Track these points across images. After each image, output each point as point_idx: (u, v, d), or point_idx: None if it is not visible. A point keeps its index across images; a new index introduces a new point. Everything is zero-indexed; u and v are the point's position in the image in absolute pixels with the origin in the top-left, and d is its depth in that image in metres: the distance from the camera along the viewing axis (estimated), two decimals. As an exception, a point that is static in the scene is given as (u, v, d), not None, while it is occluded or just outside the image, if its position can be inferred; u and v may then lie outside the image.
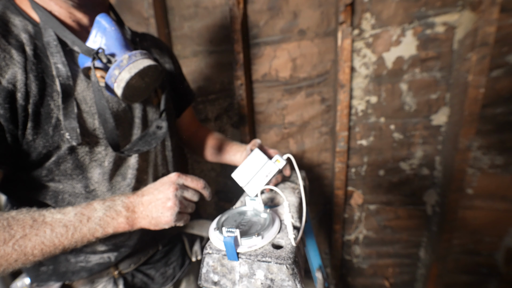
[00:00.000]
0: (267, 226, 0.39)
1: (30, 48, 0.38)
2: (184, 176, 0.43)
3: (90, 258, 0.49)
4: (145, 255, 0.58)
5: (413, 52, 0.86)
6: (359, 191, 1.07)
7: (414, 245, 1.08)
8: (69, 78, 0.40)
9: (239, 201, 0.55)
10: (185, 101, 0.71)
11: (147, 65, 0.42)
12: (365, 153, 1.02)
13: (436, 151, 0.95)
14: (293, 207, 0.48)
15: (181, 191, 0.42)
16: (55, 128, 0.40)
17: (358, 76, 0.94)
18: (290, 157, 0.55)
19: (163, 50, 0.63)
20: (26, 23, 0.39)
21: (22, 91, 0.36)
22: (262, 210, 0.44)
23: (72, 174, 0.44)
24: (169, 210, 0.40)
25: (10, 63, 0.35)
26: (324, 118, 1.05)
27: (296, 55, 0.99)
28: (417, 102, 0.92)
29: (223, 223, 0.41)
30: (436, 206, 0.98)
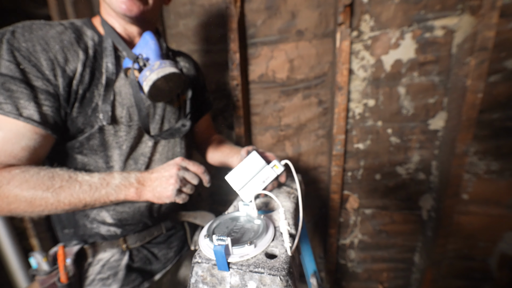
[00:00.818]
0: (260, 234, 0.37)
1: (92, 51, 0.52)
2: (187, 160, 0.52)
3: (100, 227, 0.59)
4: (150, 235, 0.66)
5: (412, 55, 0.86)
6: (355, 195, 1.06)
7: (409, 250, 1.07)
8: (113, 74, 0.53)
9: (232, 206, 0.53)
10: (203, 109, 0.80)
11: (172, 71, 0.52)
12: (362, 157, 1.01)
13: (432, 156, 0.94)
14: (288, 213, 0.46)
15: (182, 172, 0.50)
16: (93, 111, 0.51)
17: (356, 79, 0.93)
18: (288, 163, 0.54)
19: (191, 65, 0.76)
20: (94, 34, 0.54)
21: (77, 79, 0.49)
22: (255, 216, 0.42)
23: (97, 150, 0.54)
24: (170, 185, 0.48)
25: (76, 59, 0.49)
26: (321, 121, 1.04)
27: (293, 56, 0.98)
28: (415, 106, 0.91)
29: (214, 230, 0.39)
30: (432, 211, 0.97)
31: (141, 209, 0.61)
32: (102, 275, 0.59)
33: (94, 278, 0.59)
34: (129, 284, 0.61)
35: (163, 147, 0.63)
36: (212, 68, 1.07)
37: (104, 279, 0.59)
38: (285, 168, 0.54)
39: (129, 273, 0.61)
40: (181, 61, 0.73)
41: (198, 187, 0.54)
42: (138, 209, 0.61)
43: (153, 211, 0.64)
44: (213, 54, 1.06)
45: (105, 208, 0.58)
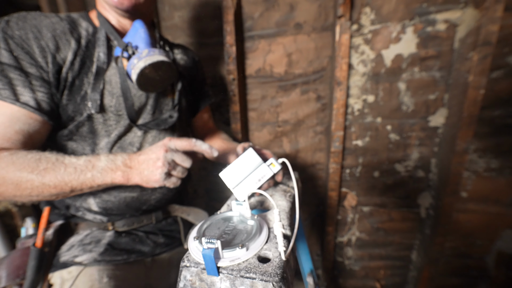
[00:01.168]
0: (253, 236, 0.35)
1: (85, 41, 0.53)
2: (176, 139, 0.49)
3: (86, 215, 0.59)
4: (139, 222, 0.65)
5: (413, 50, 0.83)
6: (353, 193, 1.05)
7: (407, 247, 1.07)
8: (104, 64, 0.53)
9: (226, 205, 0.51)
10: (201, 103, 0.79)
11: (160, 60, 0.51)
12: (360, 154, 0.99)
13: (432, 153, 0.92)
14: (283, 212, 0.44)
15: (171, 154, 0.47)
16: (82, 98, 0.52)
17: (356, 74, 0.91)
18: (286, 162, 0.52)
19: (189, 57, 0.74)
20: (89, 25, 0.55)
21: (67, 67, 0.50)
22: (249, 217, 0.40)
23: (86, 137, 0.54)
24: (158, 169, 0.46)
25: (67, 47, 0.50)
26: (319, 117, 1.02)
27: (291, 50, 0.95)
28: (415, 102, 0.89)
29: (205, 232, 0.37)
30: (430, 209, 0.96)
31: (127, 199, 0.59)
32: (84, 241, 0.58)
33: (73, 244, 0.57)
34: (113, 255, 0.58)
35: (153, 137, 0.62)
36: (208, 62, 1.04)
37: (85, 244, 0.57)
38: (282, 167, 0.52)
39: (113, 245, 0.59)
40: (178, 53, 0.72)
41: (193, 168, 0.51)
42: (124, 199, 0.59)
43: (141, 203, 0.62)
44: (209, 47, 1.03)
45: (92, 194, 0.57)
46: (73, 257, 0.55)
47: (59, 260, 0.55)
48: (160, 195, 0.64)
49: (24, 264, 0.51)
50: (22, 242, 0.54)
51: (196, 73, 0.76)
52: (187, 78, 0.72)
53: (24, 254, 0.52)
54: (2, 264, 0.51)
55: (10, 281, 0.49)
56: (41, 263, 0.51)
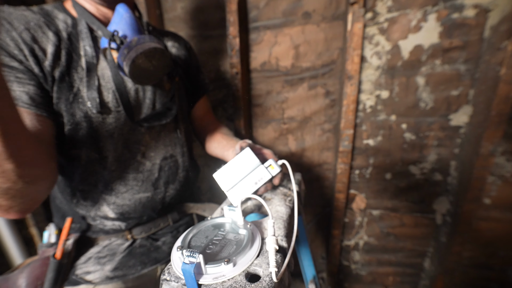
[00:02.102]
0: (243, 248, 0.31)
1: (65, 33, 0.48)
2: None
3: (104, 222, 0.57)
4: (156, 227, 0.63)
5: (435, 40, 0.75)
6: (362, 195, 0.99)
7: (419, 254, 1.00)
8: (93, 58, 0.49)
9: (220, 209, 0.47)
10: (198, 93, 0.74)
11: (152, 47, 0.47)
12: (371, 154, 0.93)
13: (452, 155, 0.84)
14: (280, 221, 0.40)
15: None
16: (75, 96, 0.48)
17: (369, 67, 0.83)
18: (286, 164, 0.47)
19: (181, 44, 0.69)
20: (67, 17, 0.50)
21: (50, 60, 0.45)
22: (241, 225, 0.36)
23: (87, 142, 0.51)
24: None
25: (45, 40, 0.46)
26: (327, 114, 0.95)
27: (299, 42, 0.89)
28: (435, 98, 0.81)
29: (191, 241, 0.34)
30: (448, 215, 0.88)
31: (142, 200, 0.58)
32: (100, 254, 0.57)
33: (91, 256, 0.57)
34: (127, 269, 0.58)
35: (158, 133, 0.58)
36: (212, 55, 1.00)
37: (100, 257, 0.57)
38: (281, 169, 0.47)
39: (128, 257, 0.58)
40: (169, 40, 0.67)
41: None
42: (139, 200, 0.58)
43: (157, 202, 0.60)
44: (212, 40, 0.99)
45: (105, 201, 0.55)
46: (85, 273, 0.55)
47: (74, 273, 0.55)
48: (174, 192, 0.63)
49: (43, 275, 0.52)
50: (43, 250, 0.55)
51: (190, 60, 0.71)
52: (181, 66, 0.67)
53: (43, 264, 0.53)
54: (23, 272, 0.52)
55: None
56: (58, 276, 0.52)
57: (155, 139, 0.58)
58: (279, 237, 0.35)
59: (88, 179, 0.53)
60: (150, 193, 0.59)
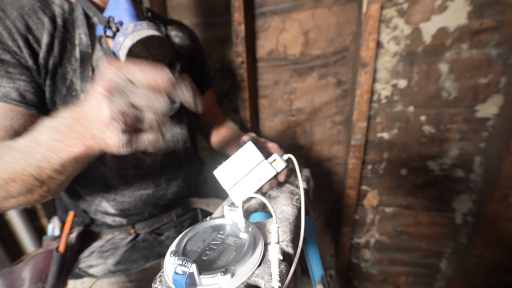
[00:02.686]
0: (243, 255, 0.27)
1: (61, 20, 0.45)
2: (127, 65, 0.25)
3: (105, 218, 0.56)
4: (159, 222, 0.62)
5: (463, 21, 0.67)
6: (374, 191, 0.93)
7: (435, 255, 0.94)
8: (88, 47, 0.46)
9: (221, 207, 0.44)
10: (203, 86, 0.70)
11: (150, 34, 0.43)
12: (386, 148, 0.87)
13: (477, 149, 0.77)
14: (286, 223, 0.36)
15: (122, 95, 0.25)
16: (68, 89, 0.45)
17: (385, 54, 0.76)
18: (292, 158, 0.43)
19: (185, 34, 0.65)
20: (64, 2, 0.47)
21: (44, 51, 0.43)
22: (242, 227, 0.33)
23: None
24: (108, 126, 0.25)
25: (41, 28, 0.43)
26: (339, 105, 0.89)
27: (309, 27, 0.82)
28: (459, 87, 0.73)
29: (186, 245, 0.31)
30: (469, 215, 0.82)
31: (142, 197, 0.56)
32: (103, 248, 0.57)
33: (94, 250, 0.57)
34: (129, 263, 0.57)
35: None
36: (216, 44, 0.95)
37: (103, 251, 0.57)
38: (287, 164, 0.43)
39: (131, 251, 0.58)
40: (172, 29, 0.63)
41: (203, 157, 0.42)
42: (140, 197, 0.56)
43: (158, 199, 0.59)
44: (217, 27, 0.94)
45: (105, 198, 0.54)
46: (88, 266, 0.55)
47: (78, 266, 0.55)
48: (176, 188, 0.61)
49: (47, 268, 0.52)
50: (47, 243, 0.55)
51: (195, 51, 0.67)
52: (185, 57, 0.64)
53: (47, 257, 0.53)
54: (27, 265, 0.52)
55: (32, 284, 0.51)
56: (62, 269, 0.52)
57: None
58: (284, 243, 0.32)
59: (87, 175, 0.51)
60: (151, 190, 0.57)
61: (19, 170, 0.33)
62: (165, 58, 0.49)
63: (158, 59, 0.48)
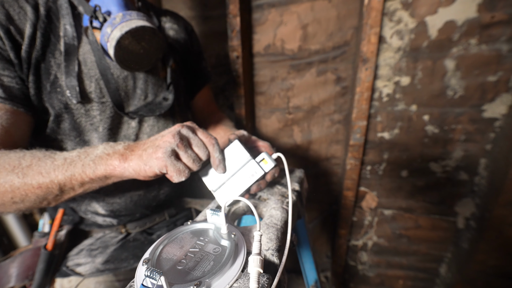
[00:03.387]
0: (221, 267, 0.25)
1: (44, 9, 0.42)
2: (197, 125, 0.38)
3: (95, 218, 0.55)
4: (151, 222, 0.60)
5: (472, 14, 0.62)
6: (373, 193, 0.90)
7: (434, 259, 0.91)
8: (74, 39, 0.43)
9: (206, 210, 0.41)
10: (200, 82, 0.68)
11: (140, 25, 0.40)
12: (386, 149, 0.83)
13: (482, 151, 0.73)
14: (273, 229, 0.33)
15: (187, 131, 0.36)
16: (52, 85, 0.43)
17: (388, 49, 0.72)
18: (281, 157, 0.40)
19: (180, 26, 0.62)
20: None
21: (26, 44, 0.40)
22: (224, 234, 0.30)
23: (70, 135, 0.46)
24: (165, 142, 0.33)
25: (23, 18, 0.40)
26: (338, 103, 0.86)
27: (307, 21, 0.78)
28: (466, 85, 0.69)
29: (162, 252, 0.28)
30: (472, 219, 0.79)
31: (133, 198, 0.54)
32: (92, 246, 0.55)
33: (83, 248, 0.55)
34: (118, 262, 0.55)
35: (151, 127, 0.53)
36: (212, 38, 0.92)
37: (92, 249, 0.55)
38: (276, 164, 0.40)
39: (121, 250, 0.56)
40: (167, 21, 0.60)
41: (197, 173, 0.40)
42: (130, 198, 0.54)
43: (150, 200, 0.56)
44: (212, 21, 0.90)
45: (94, 198, 0.52)
46: (76, 265, 0.53)
47: (65, 264, 0.53)
48: (169, 189, 0.58)
49: (34, 265, 0.51)
50: (36, 240, 0.54)
51: (191, 45, 0.64)
52: (180, 52, 0.60)
53: (35, 254, 0.52)
54: (15, 262, 0.51)
55: (19, 281, 0.50)
56: (49, 267, 0.51)
57: (148, 133, 0.53)
58: (269, 251, 0.29)
59: None
60: (142, 191, 0.54)
61: (51, 177, 0.35)
62: (157, 52, 0.46)
63: (150, 53, 0.45)
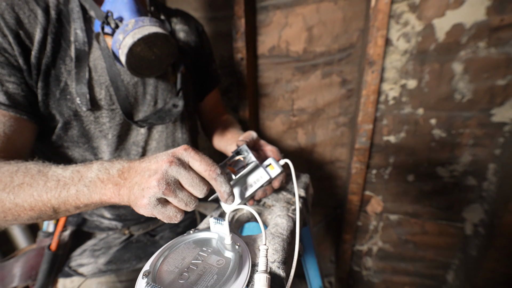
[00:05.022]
0: (225, 281, 0.24)
1: (55, 12, 0.41)
2: (194, 152, 0.31)
3: (101, 220, 0.55)
4: (154, 224, 0.61)
5: (481, 17, 0.61)
6: (378, 197, 0.89)
7: (441, 266, 0.89)
8: (85, 44, 0.42)
9: (209, 217, 0.40)
10: (209, 85, 0.67)
11: (153, 32, 0.39)
12: (392, 153, 0.82)
13: (491, 156, 0.72)
14: (279, 239, 0.32)
15: (177, 170, 0.29)
16: (62, 92, 0.42)
17: (394, 52, 0.71)
18: (289, 163, 0.40)
19: (191, 27, 0.61)
20: None
21: (36, 49, 0.39)
22: (228, 244, 0.29)
23: (79, 142, 0.46)
24: (148, 188, 0.28)
25: (33, 21, 0.39)
26: (343, 106, 0.85)
27: (313, 23, 0.78)
28: (474, 89, 0.68)
29: (162, 264, 0.27)
30: (481, 226, 0.77)
31: None
32: (95, 247, 0.56)
33: (86, 248, 0.55)
34: (121, 262, 0.55)
35: (160, 133, 0.53)
36: (217, 39, 0.91)
37: (95, 250, 0.55)
38: (282, 170, 0.39)
39: (123, 251, 0.56)
40: (178, 22, 0.59)
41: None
42: None
43: None
44: (217, 22, 0.90)
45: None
46: (79, 265, 0.53)
47: (68, 265, 0.53)
48: None
49: (38, 265, 0.51)
50: (40, 240, 0.54)
51: (201, 47, 0.63)
52: (191, 54, 0.60)
53: (39, 254, 0.52)
54: (18, 261, 0.52)
55: (22, 281, 0.50)
56: (52, 267, 0.51)
57: (157, 140, 0.53)
58: (275, 264, 0.28)
59: None
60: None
61: (44, 201, 0.33)
62: (169, 58, 0.46)
63: (162, 59, 0.45)
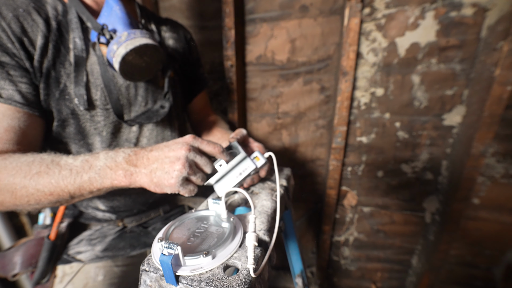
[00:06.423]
0: (224, 241, 0.31)
1: (55, 22, 0.46)
2: (200, 139, 0.40)
3: (95, 212, 0.58)
4: (147, 217, 0.65)
5: (432, 38, 0.74)
6: (353, 192, 0.99)
7: (407, 252, 1.01)
8: (83, 51, 0.47)
9: (206, 201, 0.47)
10: (197, 88, 0.73)
11: (143, 43, 0.45)
12: (364, 152, 0.93)
13: (444, 154, 0.85)
14: (264, 215, 0.40)
15: (194, 154, 0.38)
16: (61, 93, 0.46)
17: (365, 64, 0.82)
18: (272, 156, 0.47)
19: (180, 35, 0.66)
20: (57, 3, 0.47)
21: (38, 54, 0.43)
22: (224, 218, 0.36)
23: (75, 138, 0.50)
24: (175, 171, 0.36)
25: (35, 30, 0.43)
26: (322, 110, 0.95)
27: (295, 36, 0.87)
28: (429, 98, 0.80)
29: (172, 233, 0.33)
30: (437, 214, 0.89)
31: (132, 197, 0.58)
32: (91, 236, 0.59)
33: (83, 238, 0.59)
34: (116, 250, 0.59)
35: (150, 131, 0.58)
36: (207, 47, 0.98)
37: (92, 239, 0.59)
38: (267, 161, 0.47)
39: (118, 239, 0.60)
40: (167, 30, 0.65)
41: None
42: (130, 197, 0.58)
43: (147, 198, 0.61)
44: (208, 31, 0.97)
45: (95, 196, 0.55)
46: (77, 253, 0.57)
47: (67, 253, 0.57)
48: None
49: (37, 254, 0.54)
50: (38, 231, 0.57)
51: (189, 53, 0.69)
52: (179, 60, 0.66)
53: (38, 243, 0.55)
54: (19, 251, 0.55)
55: (23, 268, 0.53)
56: (52, 255, 0.54)
57: (147, 137, 0.58)
58: (261, 232, 0.35)
59: None
60: (141, 190, 0.59)
61: (61, 187, 0.38)
62: (157, 64, 0.51)
63: (151, 66, 0.50)
